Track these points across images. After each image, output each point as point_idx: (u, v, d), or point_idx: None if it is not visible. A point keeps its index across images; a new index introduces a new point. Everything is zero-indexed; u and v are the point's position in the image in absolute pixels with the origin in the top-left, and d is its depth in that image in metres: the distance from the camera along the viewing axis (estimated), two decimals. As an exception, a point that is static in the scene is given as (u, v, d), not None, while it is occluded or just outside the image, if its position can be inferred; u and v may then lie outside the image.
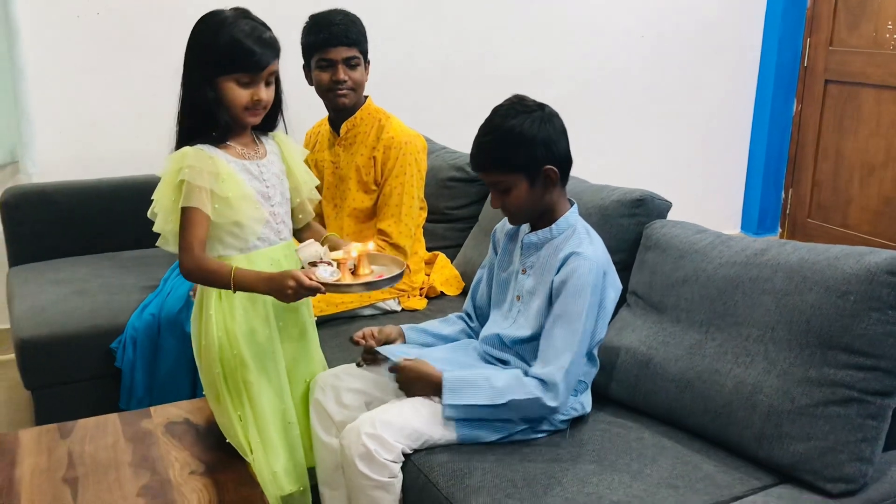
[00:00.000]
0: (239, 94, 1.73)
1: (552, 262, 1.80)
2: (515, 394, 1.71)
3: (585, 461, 1.70)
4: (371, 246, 1.82)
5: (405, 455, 1.74)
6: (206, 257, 1.74)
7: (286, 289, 1.67)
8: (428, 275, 2.68)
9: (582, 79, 4.04)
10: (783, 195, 4.65)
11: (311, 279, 1.67)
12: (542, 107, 1.78)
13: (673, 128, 4.37)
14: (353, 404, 1.88)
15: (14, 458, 1.74)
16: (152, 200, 1.76)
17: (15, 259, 2.97)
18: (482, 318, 2.02)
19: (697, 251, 1.91)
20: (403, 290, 2.55)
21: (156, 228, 1.76)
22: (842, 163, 4.30)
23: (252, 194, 1.78)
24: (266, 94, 1.76)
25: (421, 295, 2.62)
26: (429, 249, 2.76)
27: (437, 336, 2.03)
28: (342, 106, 2.47)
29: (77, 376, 2.46)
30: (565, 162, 1.80)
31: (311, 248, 1.78)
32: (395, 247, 2.46)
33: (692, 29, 4.26)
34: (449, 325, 2.06)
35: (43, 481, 1.66)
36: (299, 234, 1.99)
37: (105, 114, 3.18)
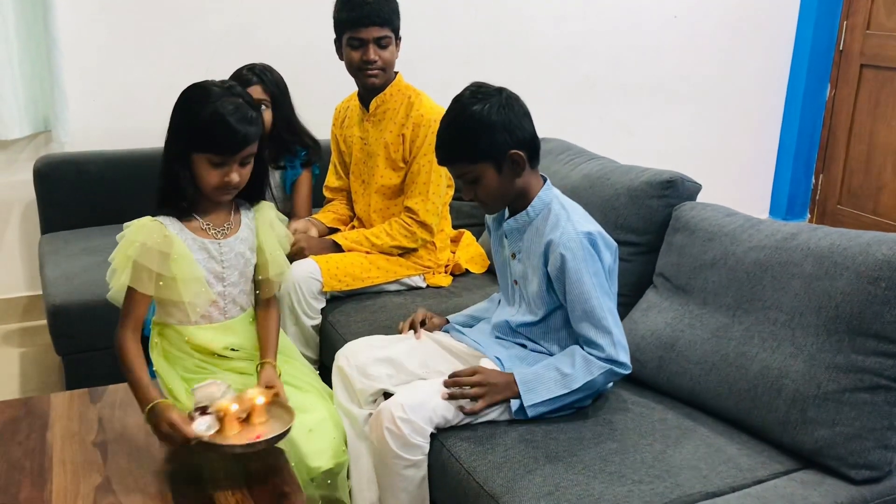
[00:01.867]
0: (210, 174, 1.68)
1: (536, 248, 1.80)
2: (587, 375, 1.72)
3: (608, 440, 1.71)
4: (260, 400, 1.63)
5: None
6: (133, 346, 1.69)
7: (160, 427, 1.58)
8: (454, 252, 2.68)
9: (614, 57, 4.00)
10: (813, 181, 4.60)
11: (187, 429, 1.55)
12: (500, 91, 1.76)
13: (704, 109, 4.32)
14: (375, 374, 1.89)
15: (46, 421, 1.77)
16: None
17: (47, 227, 3.01)
18: None
19: (727, 234, 1.90)
20: (429, 267, 2.56)
21: (110, 284, 1.74)
22: (875, 149, 4.23)
23: (202, 277, 1.74)
24: (238, 176, 1.69)
25: (446, 272, 2.63)
26: (455, 227, 2.77)
27: (483, 320, 2.05)
28: (372, 86, 2.47)
29: (107, 343, 2.45)
30: (531, 143, 1.77)
31: (209, 390, 1.64)
32: (422, 224, 2.47)
33: (726, 9, 4.20)
34: (493, 306, 2.07)
35: (73, 444, 1.69)
36: (257, 309, 1.89)
37: (138, 84, 3.20)
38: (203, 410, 1.60)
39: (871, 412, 1.57)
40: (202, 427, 1.56)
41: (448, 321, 2.07)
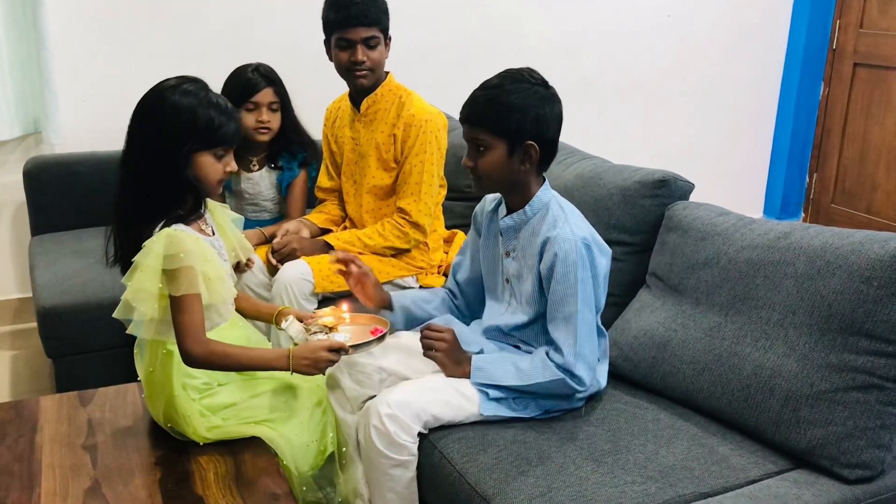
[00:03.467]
0: (216, 168, 1.69)
1: (532, 247, 1.79)
2: (538, 377, 1.72)
3: (601, 441, 1.70)
4: (345, 307, 1.88)
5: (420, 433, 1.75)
6: (220, 344, 1.68)
7: (319, 360, 1.70)
8: (446, 252, 2.67)
9: (608, 57, 4.00)
10: (807, 179, 4.60)
11: (342, 343, 1.73)
12: (547, 86, 1.76)
13: (698, 108, 4.32)
14: (368, 381, 1.88)
15: (35, 424, 1.77)
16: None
17: (37, 229, 3.00)
18: (465, 295, 2.05)
19: (719, 233, 1.90)
20: (421, 268, 2.55)
21: (132, 316, 1.64)
22: (868, 148, 4.24)
23: (225, 274, 1.74)
24: (234, 163, 1.74)
25: (439, 273, 2.62)
26: (448, 227, 2.76)
27: (425, 312, 2.01)
28: (361, 86, 2.46)
29: (97, 345, 2.48)
30: (550, 146, 1.77)
31: (297, 325, 1.82)
32: (415, 225, 2.46)
33: (720, 8, 4.20)
34: (436, 300, 2.05)
35: (63, 447, 1.68)
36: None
37: (128, 85, 3.15)
38: (317, 334, 1.80)
39: (863, 411, 1.56)
40: (343, 338, 1.78)
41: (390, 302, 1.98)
